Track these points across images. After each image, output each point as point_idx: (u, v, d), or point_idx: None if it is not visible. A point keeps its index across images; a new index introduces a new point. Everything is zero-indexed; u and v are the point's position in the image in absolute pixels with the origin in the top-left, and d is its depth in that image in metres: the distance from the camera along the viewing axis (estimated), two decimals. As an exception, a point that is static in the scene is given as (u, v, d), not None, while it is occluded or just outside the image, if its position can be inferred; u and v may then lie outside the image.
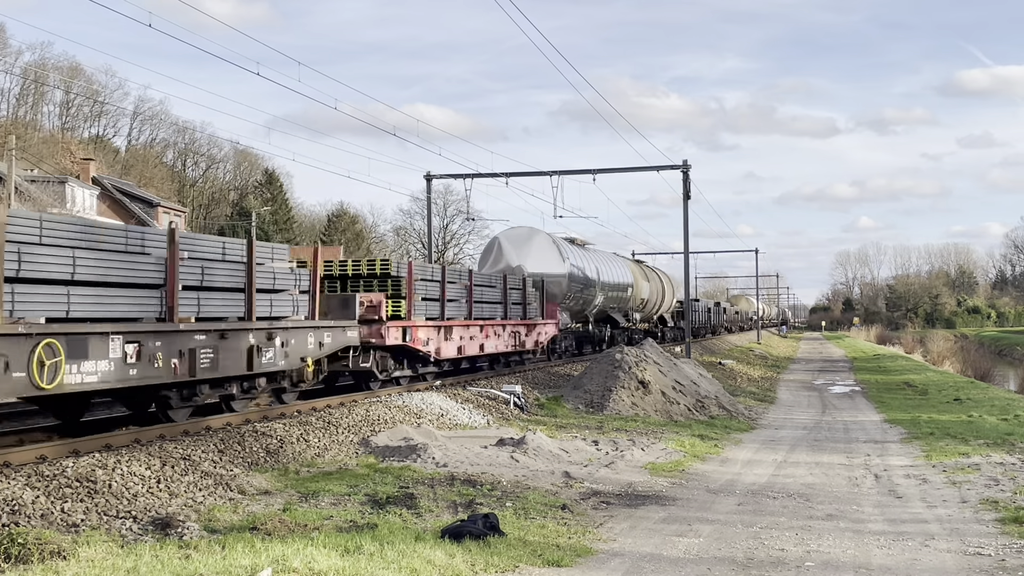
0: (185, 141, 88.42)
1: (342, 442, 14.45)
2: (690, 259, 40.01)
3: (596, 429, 18.45)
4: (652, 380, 22.82)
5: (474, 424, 17.97)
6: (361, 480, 11.91)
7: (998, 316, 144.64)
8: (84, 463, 10.56)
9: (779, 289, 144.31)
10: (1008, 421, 21.97)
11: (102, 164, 68.76)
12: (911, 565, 8.76)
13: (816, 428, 21.62)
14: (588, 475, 13.23)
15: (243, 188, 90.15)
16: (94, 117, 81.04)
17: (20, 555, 7.56)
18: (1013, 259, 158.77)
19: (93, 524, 9.01)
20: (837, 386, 37.01)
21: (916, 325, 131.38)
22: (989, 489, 12.74)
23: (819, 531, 10.14)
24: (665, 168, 38.59)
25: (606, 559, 8.77)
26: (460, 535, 8.89)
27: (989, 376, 51.74)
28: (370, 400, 17.92)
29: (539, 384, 25.30)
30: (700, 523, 10.45)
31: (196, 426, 13.81)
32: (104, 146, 78.06)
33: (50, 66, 70.96)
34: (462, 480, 12.02)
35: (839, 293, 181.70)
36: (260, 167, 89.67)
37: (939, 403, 28.36)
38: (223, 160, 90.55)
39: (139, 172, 75.51)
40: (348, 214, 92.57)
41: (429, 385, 21.23)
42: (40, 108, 75.11)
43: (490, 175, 39.59)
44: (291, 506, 10.31)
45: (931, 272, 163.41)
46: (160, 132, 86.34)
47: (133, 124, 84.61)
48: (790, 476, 14.05)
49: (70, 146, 68.91)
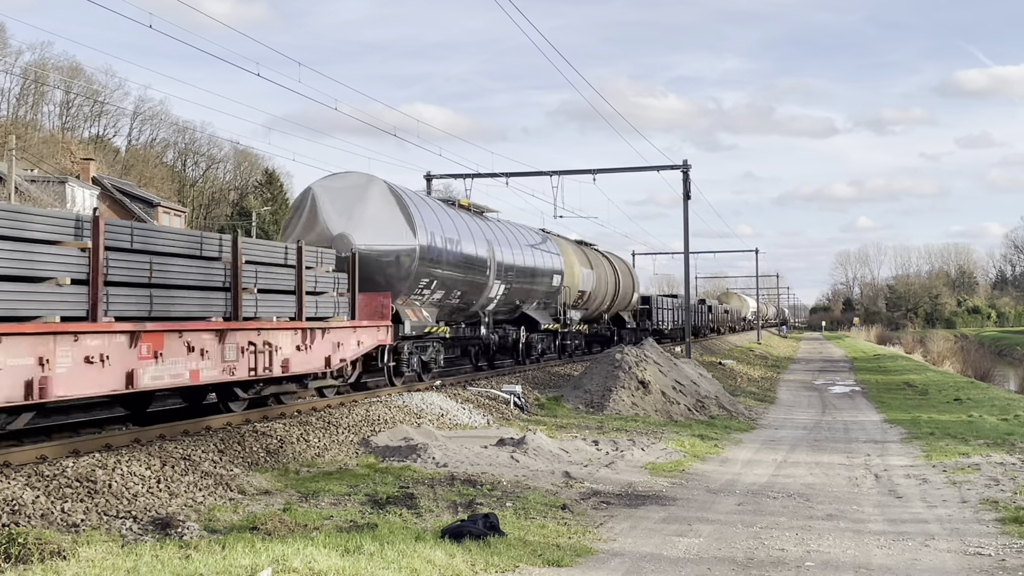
0: (185, 141, 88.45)
1: (342, 442, 14.45)
2: (690, 259, 40.02)
3: (596, 429, 18.45)
4: (652, 380, 22.82)
5: (474, 424, 17.97)
6: (361, 480, 11.91)
7: (998, 316, 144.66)
8: (84, 463, 10.56)
9: (779, 289, 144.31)
10: (1008, 421, 21.97)
11: (102, 164, 68.76)
12: (911, 565, 8.76)
13: (816, 428, 21.62)
14: (588, 475, 13.23)
15: (243, 188, 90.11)
16: (94, 117, 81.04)
17: (20, 555, 7.56)
18: (1013, 259, 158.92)
19: (93, 524, 9.01)
20: (837, 386, 37.01)
21: (916, 325, 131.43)
22: (989, 489, 12.74)
23: (819, 531, 10.14)
24: (665, 168, 38.61)
25: (606, 559, 8.77)
26: (460, 535, 8.89)
27: (989, 376, 51.77)
28: (370, 400, 17.92)
29: (539, 384, 25.31)
30: (700, 523, 10.45)
31: (196, 426, 13.81)
32: (104, 146, 78.06)
33: (50, 66, 70.96)
34: (462, 480, 12.01)
35: (839, 293, 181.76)
36: (260, 167, 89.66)
37: (939, 403, 28.37)
38: (223, 160, 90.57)
39: (139, 172, 75.51)
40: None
41: (429, 385, 21.22)
42: (40, 108, 75.11)
43: (490, 175, 39.58)
44: (291, 506, 10.31)
45: (931, 272, 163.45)
46: (160, 132, 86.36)
47: (133, 124, 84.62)
48: (790, 476, 14.05)
49: (70, 146, 68.93)
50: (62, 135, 72.95)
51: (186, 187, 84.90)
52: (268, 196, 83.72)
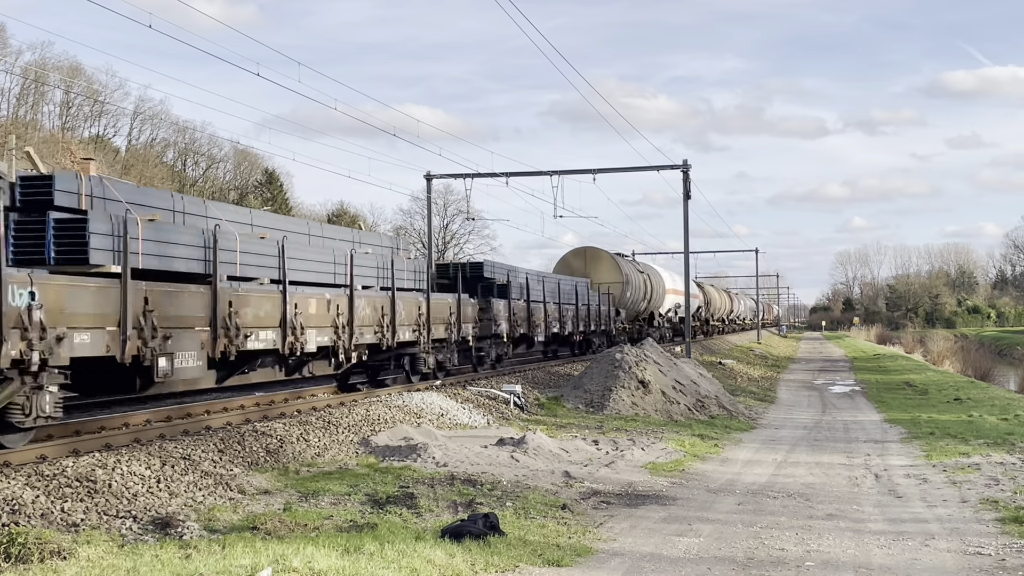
0: (185, 141, 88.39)
1: (342, 442, 14.45)
2: (690, 259, 40.02)
3: (596, 429, 18.45)
4: (652, 380, 22.82)
5: (474, 424, 17.97)
6: (361, 480, 11.91)
7: (998, 316, 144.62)
8: (84, 463, 10.56)
9: (779, 289, 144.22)
10: (1008, 421, 21.96)
11: (102, 164, 68.59)
12: (911, 565, 8.76)
13: (816, 428, 21.62)
14: (588, 475, 13.22)
15: (243, 188, 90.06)
16: (94, 117, 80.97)
17: (20, 555, 7.56)
18: (1013, 259, 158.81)
19: (93, 524, 9.01)
20: (837, 386, 37.01)
21: (916, 325, 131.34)
22: (989, 489, 12.74)
23: (819, 531, 10.14)
24: (665, 168, 38.60)
25: (606, 559, 8.77)
26: (460, 535, 8.89)
27: (989, 376, 51.77)
28: (370, 400, 17.92)
29: (539, 384, 25.30)
30: (700, 523, 10.45)
31: (196, 425, 13.82)
32: (104, 146, 78.00)
33: (50, 66, 70.91)
34: (462, 480, 12.01)
35: (839, 293, 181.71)
36: (260, 167, 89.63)
37: (939, 403, 28.36)
38: (223, 160, 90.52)
39: (139, 172, 75.43)
40: (348, 214, 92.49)
41: (429, 385, 21.24)
42: (40, 108, 75.02)
43: (490, 175, 39.59)
44: (291, 506, 10.31)
45: (931, 272, 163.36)
46: (160, 132, 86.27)
47: (133, 124, 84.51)
48: (790, 476, 14.05)
49: (70, 146, 68.87)
50: (62, 135, 72.90)
51: (186, 187, 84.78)
52: (268, 196, 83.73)
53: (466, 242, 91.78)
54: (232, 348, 13.62)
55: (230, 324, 13.59)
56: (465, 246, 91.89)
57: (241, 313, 13.90)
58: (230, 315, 13.63)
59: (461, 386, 21.61)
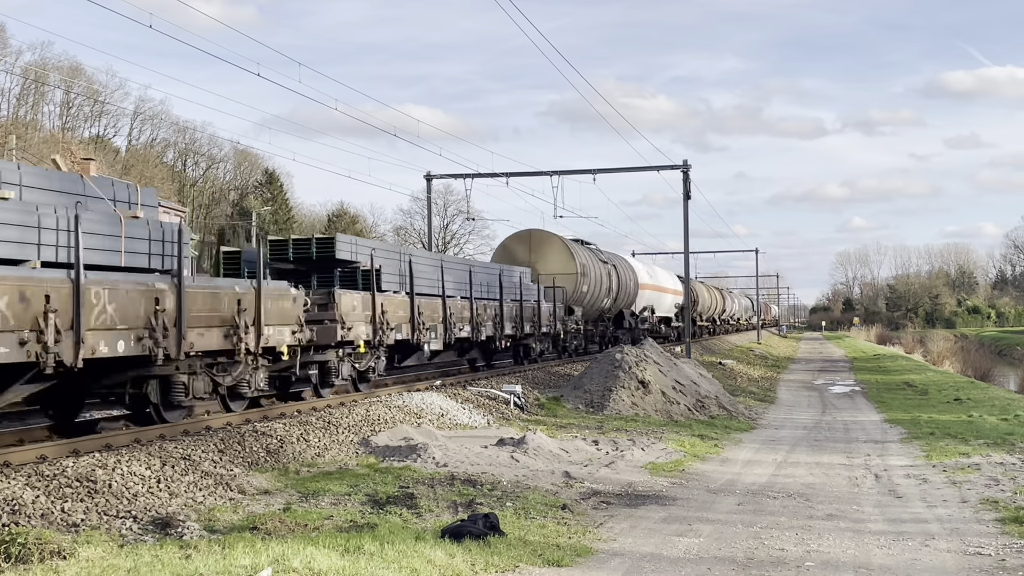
0: (185, 141, 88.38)
1: (342, 442, 14.45)
2: (690, 259, 40.04)
3: (596, 429, 18.45)
4: (652, 380, 22.82)
5: (474, 424, 17.97)
6: (361, 480, 11.91)
7: (998, 316, 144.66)
8: (84, 463, 10.57)
9: (779, 289, 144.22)
10: (1008, 421, 21.96)
11: (102, 164, 68.61)
12: (911, 565, 8.76)
13: (816, 428, 21.62)
14: (588, 475, 13.23)
15: (243, 188, 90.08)
16: (94, 117, 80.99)
17: (20, 555, 7.56)
18: (1013, 259, 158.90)
19: (93, 524, 9.01)
20: (837, 386, 37.01)
21: (916, 325, 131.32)
22: (989, 489, 12.74)
23: (819, 531, 10.14)
24: (665, 168, 38.67)
25: (606, 559, 8.77)
26: (460, 535, 8.89)
27: (989, 376, 51.79)
28: (370, 400, 17.93)
29: (539, 384, 25.30)
30: (700, 523, 10.45)
31: (196, 426, 13.82)
32: (104, 146, 78.00)
33: (50, 66, 70.91)
34: (462, 480, 12.02)
35: (839, 293, 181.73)
36: (260, 167, 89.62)
37: (939, 403, 28.36)
38: (223, 160, 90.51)
39: (139, 172, 75.44)
40: (348, 214, 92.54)
41: (429, 385, 21.24)
42: (40, 108, 75.05)
43: (490, 175, 39.63)
44: (291, 506, 10.31)
45: (931, 272, 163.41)
46: (160, 132, 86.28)
47: (133, 124, 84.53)
48: (790, 476, 14.05)
49: (70, 146, 68.87)
50: (62, 135, 72.91)
51: (186, 187, 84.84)
52: (268, 196, 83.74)
53: (466, 242, 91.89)
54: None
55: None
56: (465, 246, 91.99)
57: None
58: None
59: (461, 386, 21.61)
